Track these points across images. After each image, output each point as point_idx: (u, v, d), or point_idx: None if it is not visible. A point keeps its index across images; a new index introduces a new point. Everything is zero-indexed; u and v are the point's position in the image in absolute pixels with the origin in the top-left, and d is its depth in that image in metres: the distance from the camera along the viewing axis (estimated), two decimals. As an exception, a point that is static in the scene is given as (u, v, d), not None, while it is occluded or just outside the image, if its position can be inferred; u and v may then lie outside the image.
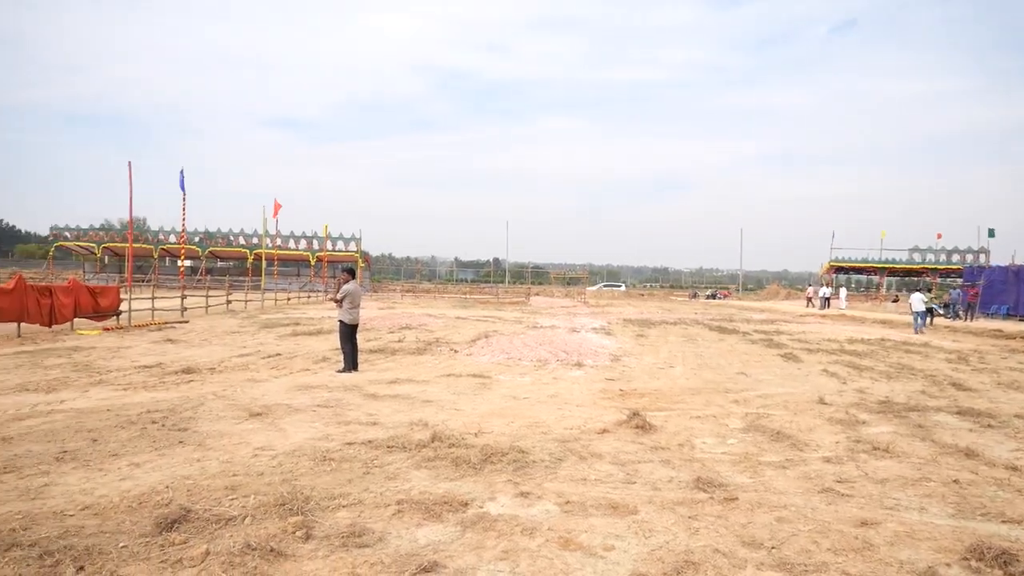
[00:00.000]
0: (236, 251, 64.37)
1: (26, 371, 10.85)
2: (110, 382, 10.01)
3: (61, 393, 9.00)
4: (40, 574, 3.62)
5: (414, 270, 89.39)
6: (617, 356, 15.05)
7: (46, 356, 12.66)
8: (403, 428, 7.35)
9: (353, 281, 12.21)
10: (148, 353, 13.71)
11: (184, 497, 4.91)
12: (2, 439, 6.45)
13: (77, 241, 63.93)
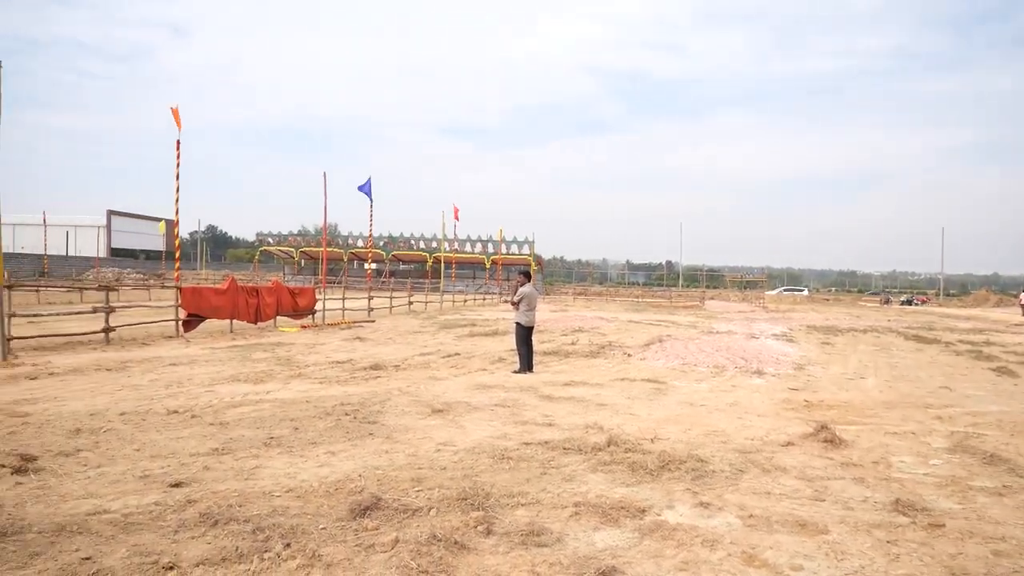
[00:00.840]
0: (417, 254, 67.72)
1: (238, 363, 12.02)
2: (308, 376, 10.86)
3: (267, 384, 9.88)
4: (253, 547, 3.97)
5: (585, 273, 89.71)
6: (801, 365, 14.26)
7: (254, 350, 13.96)
8: (578, 431, 7.38)
9: (529, 284, 12.45)
10: (340, 350, 14.74)
11: (375, 486, 5.22)
12: (220, 424, 7.19)
13: (278, 246, 70.01)
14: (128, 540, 4.10)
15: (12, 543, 4.00)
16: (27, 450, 5.89)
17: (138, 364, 11.60)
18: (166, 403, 8.26)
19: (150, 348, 14.19)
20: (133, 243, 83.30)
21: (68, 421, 7.16)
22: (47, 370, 10.74)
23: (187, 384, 9.75)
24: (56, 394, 8.81)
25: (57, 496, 4.86)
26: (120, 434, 6.66)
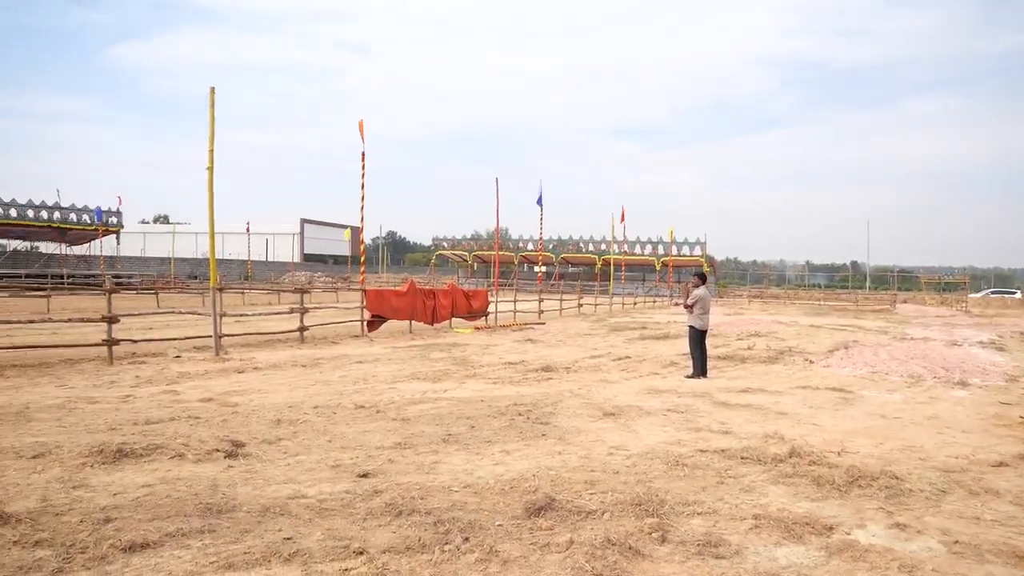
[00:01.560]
0: (585, 257, 67.90)
1: (417, 363, 12.62)
2: (482, 376, 11.19)
3: (444, 383, 10.30)
4: (435, 539, 4.15)
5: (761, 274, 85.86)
6: (1014, 376, 12.81)
7: (431, 350, 14.61)
8: (757, 440, 7.07)
9: (704, 286, 12.11)
10: (512, 351, 15.07)
11: (549, 487, 5.28)
12: (402, 419, 7.58)
13: (453, 250, 72.82)
14: (323, 524, 4.41)
15: (226, 520, 4.43)
16: (237, 437, 6.51)
17: (328, 361, 12.49)
18: (354, 398, 8.83)
19: (338, 346, 15.23)
20: (322, 249, 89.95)
21: (270, 412, 7.84)
22: (252, 365, 11.83)
23: (372, 381, 10.37)
24: (259, 387, 9.68)
25: (262, 480, 5.33)
26: (314, 426, 7.20)
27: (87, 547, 3.96)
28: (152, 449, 5.99)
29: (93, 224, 51.73)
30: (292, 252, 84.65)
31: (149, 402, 8.52)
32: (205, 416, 7.61)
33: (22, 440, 6.43)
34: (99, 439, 6.36)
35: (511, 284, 47.49)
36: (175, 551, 3.95)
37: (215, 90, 12.94)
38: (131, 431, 6.82)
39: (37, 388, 9.43)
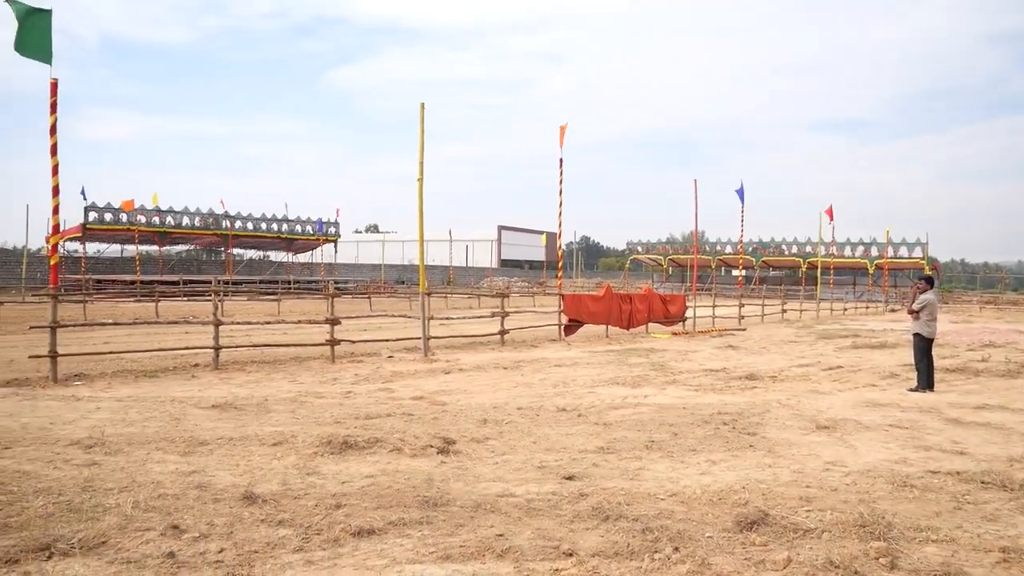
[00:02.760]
0: (788, 260, 64.37)
1: (615, 367, 12.59)
2: (682, 382, 10.94)
3: (644, 389, 10.18)
4: (644, 546, 4.10)
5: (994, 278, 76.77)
6: None
7: (629, 355, 14.51)
8: (1000, 463, 6.31)
9: (931, 291, 11.05)
10: (712, 358, 14.60)
11: (760, 500, 5.04)
12: (604, 424, 7.59)
13: (647, 254, 71.98)
14: (532, 523, 4.51)
15: (442, 513, 4.66)
16: (447, 434, 6.84)
17: (528, 364, 12.80)
18: (555, 401, 8.97)
19: (537, 350, 15.57)
20: (519, 254, 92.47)
21: (476, 412, 8.16)
22: (457, 366, 12.40)
23: (571, 384, 10.48)
24: (465, 387, 10.12)
25: (473, 477, 5.55)
26: (519, 427, 7.39)
27: (322, 530, 4.33)
28: (373, 442, 6.44)
29: (315, 234, 56.88)
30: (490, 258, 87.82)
31: (367, 398, 9.19)
32: (417, 413, 8.07)
33: (264, 429, 7.18)
34: (327, 431, 6.95)
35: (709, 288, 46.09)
36: (398, 539, 4.22)
37: (424, 105, 13.72)
38: (354, 425, 7.39)
39: (273, 383, 10.50)
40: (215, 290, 13.12)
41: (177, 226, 50.56)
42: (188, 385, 10.16)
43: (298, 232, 56.76)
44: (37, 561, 3.83)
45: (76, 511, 4.60)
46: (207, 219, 51.77)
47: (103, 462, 5.89)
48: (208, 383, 10.36)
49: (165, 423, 7.48)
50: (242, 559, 3.88)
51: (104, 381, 10.41)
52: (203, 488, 5.14)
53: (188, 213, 51.03)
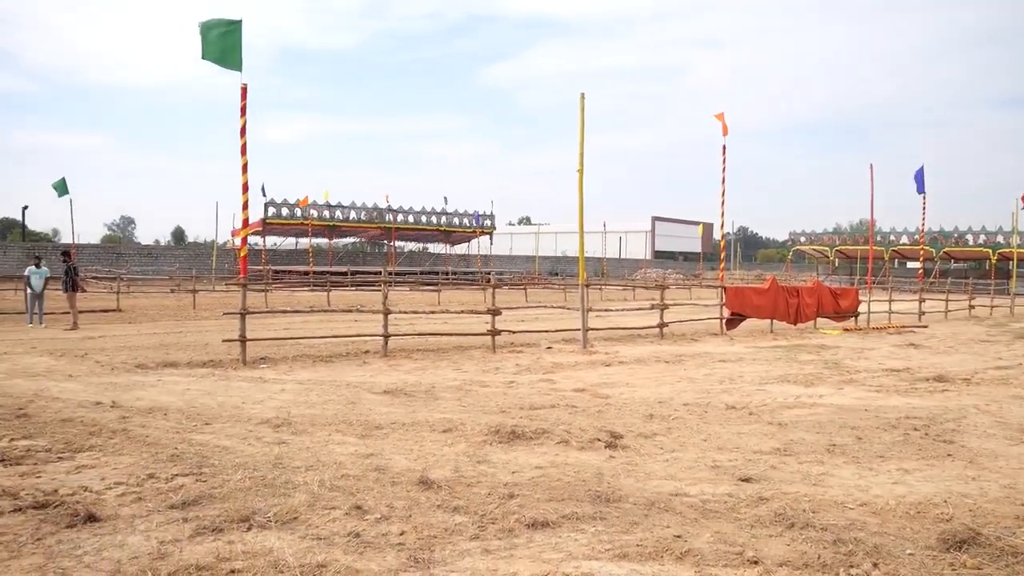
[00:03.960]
0: (974, 251, 58.81)
1: (784, 364, 11.95)
2: (860, 382, 10.20)
3: (818, 388, 9.57)
4: (836, 559, 3.80)
5: None
6: None
7: (798, 352, 13.74)
8: None
9: None
10: (892, 356, 13.54)
11: (967, 517, 4.55)
12: (778, 424, 7.19)
13: (811, 245, 68.15)
14: (709, 526, 4.31)
15: (614, 509, 4.56)
16: (613, 428, 6.73)
17: (691, 358, 12.42)
18: (722, 398, 8.62)
19: (698, 344, 15.10)
20: (673, 246, 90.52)
21: (641, 406, 7.99)
22: (617, 359, 12.25)
23: (738, 381, 10.05)
24: (627, 380, 9.95)
25: (643, 473, 5.41)
26: (687, 423, 7.15)
27: (496, 519, 4.36)
28: (540, 433, 6.45)
29: (472, 227, 58.42)
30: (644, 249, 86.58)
31: (530, 389, 9.25)
32: (581, 406, 8.02)
33: (433, 415, 7.39)
34: (494, 420, 7.04)
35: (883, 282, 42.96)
36: (571, 534, 4.16)
37: (584, 95, 13.62)
38: (519, 415, 7.44)
39: (439, 370, 10.82)
40: (384, 280, 13.71)
41: (345, 220, 53.60)
42: (360, 371, 10.67)
43: (456, 225, 58.51)
44: (239, 531, 4.10)
45: (269, 486, 4.90)
46: (372, 213, 54.50)
47: (290, 441, 6.27)
48: (378, 369, 10.84)
49: (342, 406, 7.88)
50: (422, 543, 3.97)
51: (286, 364, 11.15)
52: (381, 471, 5.34)
53: (355, 208, 53.96)
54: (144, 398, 8.22)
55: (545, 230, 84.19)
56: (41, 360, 11.46)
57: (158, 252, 57.40)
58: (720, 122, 18.19)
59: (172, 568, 3.59)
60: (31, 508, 4.48)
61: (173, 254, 56.55)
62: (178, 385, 9.15)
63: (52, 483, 5.01)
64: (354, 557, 3.78)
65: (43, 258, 19.32)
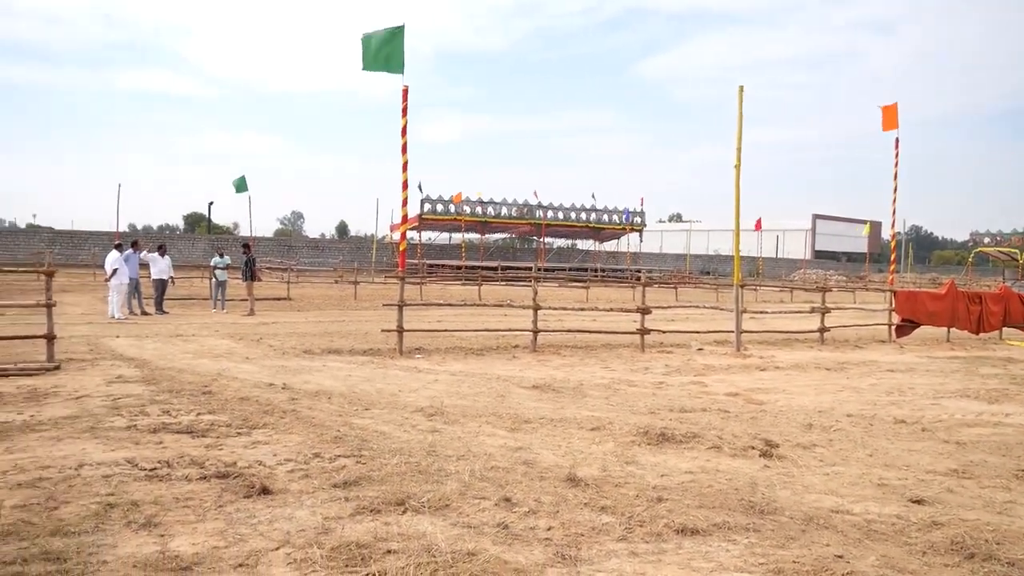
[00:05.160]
0: None
1: (962, 377, 10.96)
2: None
3: (1004, 405, 8.70)
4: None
5: None
6: None
7: (979, 364, 12.56)
8: None
9: None
10: (1094, 374, 12.07)
11: None
12: (956, 443, 6.59)
13: (996, 246, 62.08)
14: (875, 548, 4.03)
15: (769, 521, 4.37)
16: (769, 436, 6.45)
17: (855, 366, 11.67)
18: (890, 411, 8.04)
19: (862, 351, 14.16)
20: (835, 245, 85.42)
21: (799, 415, 7.60)
22: (772, 363, 11.73)
23: (908, 393, 9.33)
24: (784, 387, 9.50)
25: (801, 486, 5.14)
26: (849, 436, 6.73)
27: (644, 522, 4.29)
28: (690, 437, 6.29)
29: (621, 224, 57.93)
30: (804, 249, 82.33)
31: (680, 391, 9.05)
32: (734, 411, 7.74)
33: (581, 412, 7.39)
34: (643, 421, 6.94)
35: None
36: (722, 543, 4.03)
37: (743, 88, 13.11)
38: (668, 417, 7.29)
39: (587, 368, 10.81)
40: (534, 276, 13.86)
41: (496, 216, 54.77)
42: (510, 365, 10.86)
43: (605, 221, 58.23)
44: (395, 514, 4.29)
45: (423, 473, 5.10)
46: (522, 209, 55.34)
47: (443, 430, 6.49)
48: (527, 364, 10.99)
49: (492, 399, 8.06)
50: (569, 540, 3.98)
51: (439, 356, 11.55)
52: (529, 465, 5.41)
53: (506, 204, 55.00)
54: (311, 382, 8.79)
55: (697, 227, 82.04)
56: (222, 343, 12.53)
57: (324, 245, 61.24)
58: (888, 114, 16.92)
59: (335, 543, 3.81)
60: (214, 477, 4.91)
61: (337, 247, 60.17)
62: (341, 371, 9.71)
63: (232, 456, 5.46)
64: (502, 548, 3.86)
65: (225, 250, 21.11)
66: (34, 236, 50.50)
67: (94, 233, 49.67)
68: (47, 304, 9.50)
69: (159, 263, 18.17)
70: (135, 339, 12.62)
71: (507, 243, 73.15)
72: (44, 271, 9.86)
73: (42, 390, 7.86)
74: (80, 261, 40.46)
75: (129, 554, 3.66)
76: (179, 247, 48.44)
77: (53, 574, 3.39)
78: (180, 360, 10.36)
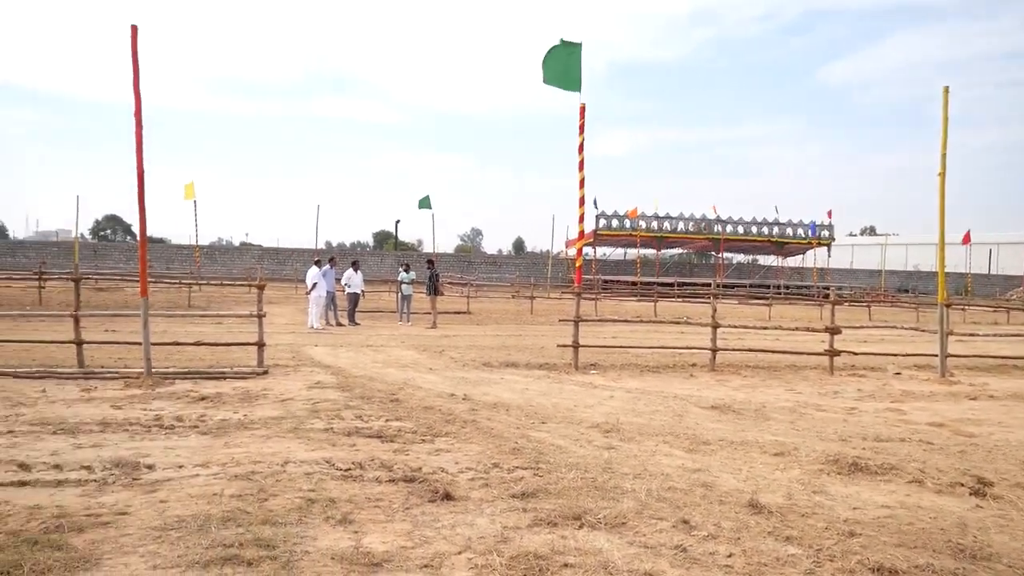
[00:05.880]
0: None
1: None
2: None
3: None
4: None
5: None
6: None
7: None
8: None
9: None
10: None
11: None
12: None
13: None
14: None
15: (982, 569, 3.94)
16: (981, 473, 5.83)
17: (1087, 399, 10.26)
18: None
19: (1098, 381, 12.42)
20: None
21: (1018, 450, 6.81)
22: (985, 391, 10.59)
23: None
24: (999, 419, 8.55)
25: (1022, 531, 4.59)
26: (1082, 477, 5.92)
27: (834, 556, 4.02)
28: (887, 469, 5.83)
29: (807, 238, 54.83)
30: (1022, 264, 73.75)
31: (874, 417, 8.40)
32: (938, 443, 7.07)
33: (763, 436, 7.07)
34: (832, 448, 6.52)
35: None
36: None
37: (948, 89, 12.00)
38: (861, 445, 6.80)
39: (769, 389, 10.32)
40: (713, 293, 13.46)
41: (673, 231, 53.74)
42: (687, 384, 10.60)
43: (788, 236, 55.40)
44: (571, 528, 4.32)
45: (599, 489, 5.09)
46: (700, 224, 53.92)
47: (618, 447, 6.45)
48: (705, 383, 10.67)
49: (669, 418, 7.90)
50: (751, 569, 3.82)
51: (614, 372, 11.50)
52: (708, 488, 5.25)
53: (683, 219, 53.84)
54: (489, 393, 9.07)
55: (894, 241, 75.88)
56: (408, 354, 13.23)
57: (501, 261, 63.03)
58: None
59: (514, 552, 3.91)
60: (401, 480, 5.19)
61: (514, 263, 61.68)
62: (518, 384, 9.93)
63: (417, 461, 5.75)
64: (680, 571, 3.77)
65: (411, 265, 22.33)
66: (246, 253, 56.12)
67: (296, 250, 54.41)
68: (258, 315, 10.51)
69: (353, 278, 19.52)
70: (331, 348, 13.63)
71: (683, 258, 71.50)
72: (256, 284, 10.92)
73: (253, 392, 8.70)
74: (284, 275, 44.46)
75: (327, 547, 3.95)
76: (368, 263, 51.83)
77: (264, 559, 3.74)
78: (370, 369, 11.07)
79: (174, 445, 6.14)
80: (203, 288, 29.99)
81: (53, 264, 40.12)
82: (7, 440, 6.19)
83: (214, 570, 3.62)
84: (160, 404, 7.91)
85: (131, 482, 5.06)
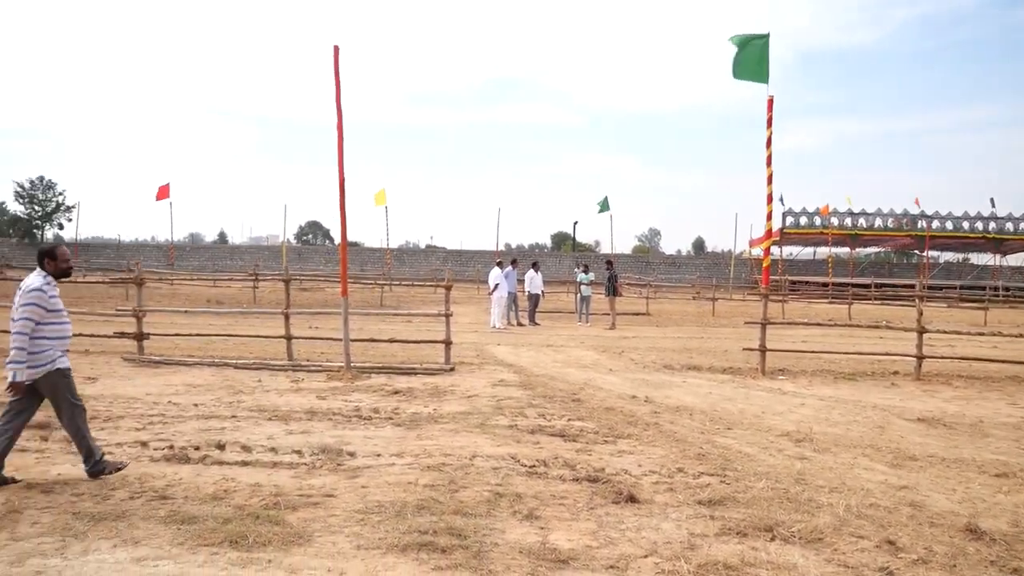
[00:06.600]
0: None
1: None
2: None
3: None
4: None
5: None
6: None
7: None
8: None
9: None
10: None
11: None
12: None
13: None
14: None
15: None
16: None
17: None
18: None
19: None
20: None
21: None
22: None
23: None
24: None
25: None
26: None
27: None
28: None
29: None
30: None
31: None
32: None
33: (982, 455, 6.40)
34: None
35: None
36: None
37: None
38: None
39: (986, 402, 9.32)
40: (917, 295, 12.36)
41: (869, 228, 49.93)
42: (888, 393, 9.81)
43: (1008, 231, 49.62)
44: (762, 540, 4.14)
45: (792, 501, 4.84)
46: (900, 220, 49.68)
47: (812, 458, 6.10)
48: (909, 393, 9.83)
49: (868, 429, 7.36)
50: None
51: (805, 378, 10.88)
52: (916, 507, 4.83)
53: (880, 215, 49.88)
54: (671, 396, 8.90)
55: None
56: (588, 354, 13.29)
57: (680, 261, 61.65)
58: None
59: (701, 560, 3.81)
60: (585, 480, 5.23)
61: (694, 263, 60.12)
62: (701, 388, 9.66)
63: (600, 462, 5.76)
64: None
65: (589, 266, 22.40)
66: (431, 255, 58.95)
67: (478, 252, 56.36)
68: (446, 314, 10.99)
69: (534, 279, 19.90)
70: (512, 347, 13.98)
71: (880, 258, 66.19)
72: (444, 285, 11.42)
73: (442, 388, 9.11)
74: (467, 277, 46.19)
75: (515, 540, 4.06)
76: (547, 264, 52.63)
77: (456, 548, 3.90)
78: (551, 368, 11.23)
79: (372, 435, 6.57)
80: (394, 288, 31.85)
81: (264, 266, 44.33)
82: (232, 424, 6.92)
83: (411, 554, 3.84)
84: (358, 396, 8.50)
85: (336, 467, 5.47)
